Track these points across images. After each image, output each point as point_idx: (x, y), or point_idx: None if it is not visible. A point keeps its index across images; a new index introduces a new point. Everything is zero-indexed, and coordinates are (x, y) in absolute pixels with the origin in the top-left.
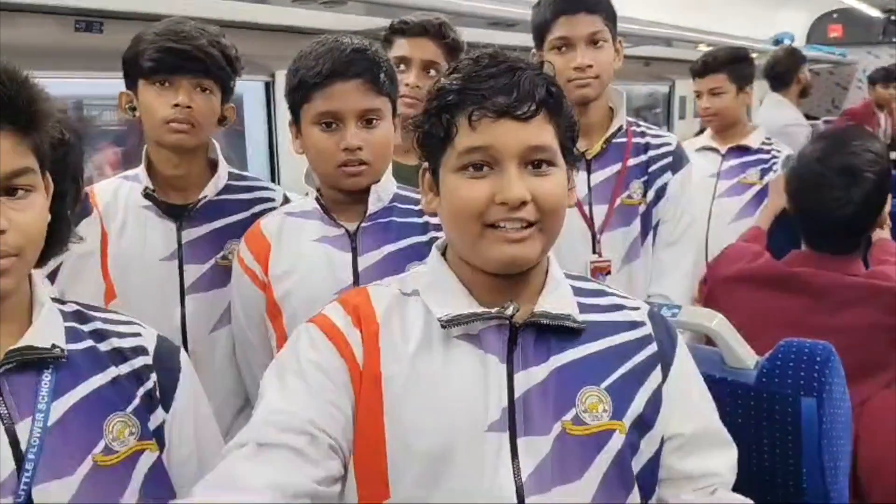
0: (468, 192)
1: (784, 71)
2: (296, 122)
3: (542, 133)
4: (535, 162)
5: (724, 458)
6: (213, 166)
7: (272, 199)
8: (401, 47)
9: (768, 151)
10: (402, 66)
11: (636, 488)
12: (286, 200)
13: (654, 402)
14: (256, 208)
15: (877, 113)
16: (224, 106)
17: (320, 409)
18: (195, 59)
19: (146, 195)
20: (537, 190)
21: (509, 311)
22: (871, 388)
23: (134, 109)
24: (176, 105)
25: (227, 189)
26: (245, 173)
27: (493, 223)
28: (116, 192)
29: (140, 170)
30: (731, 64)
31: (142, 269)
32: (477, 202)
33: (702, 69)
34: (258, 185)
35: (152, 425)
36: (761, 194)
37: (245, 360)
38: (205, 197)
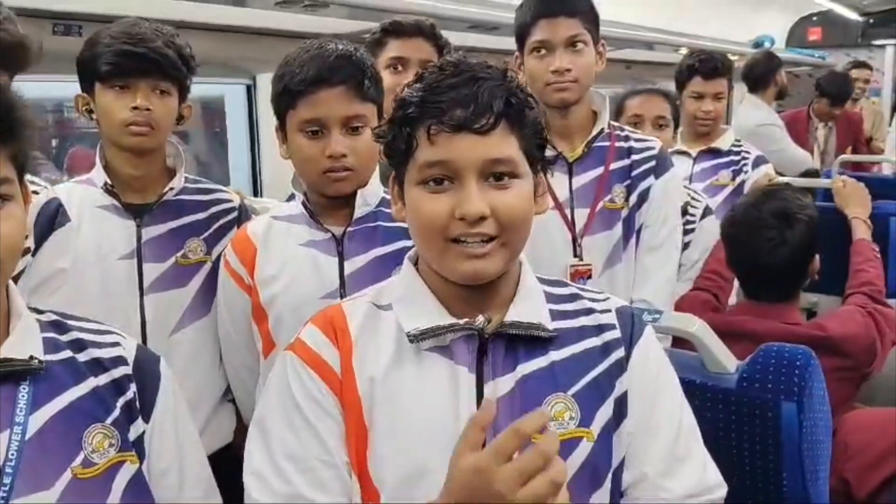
0: (429, 208)
1: (761, 73)
2: (282, 127)
3: (502, 145)
4: (496, 174)
5: (680, 480)
6: (169, 171)
7: (230, 201)
8: (396, 48)
9: (738, 153)
10: (399, 67)
11: (608, 488)
12: (243, 205)
13: (622, 405)
14: (215, 209)
15: (813, 122)
16: (181, 105)
17: (328, 444)
18: (152, 61)
19: (107, 190)
20: (498, 203)
21: (479, 323)
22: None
23: (91, 112)
24: (135, 108)
25: (184, 191)
26: (200, 178)
27: (454, 238)
28: (69, 195)
29: (94, 172)
30: (731, 69)
31: (99, 269)
32: (438, 218)
33: (712, 72)
34: (214, 188)
35: (132, 436)
36: (733, 195)
37: (231, 363)
38: (170, 189)
